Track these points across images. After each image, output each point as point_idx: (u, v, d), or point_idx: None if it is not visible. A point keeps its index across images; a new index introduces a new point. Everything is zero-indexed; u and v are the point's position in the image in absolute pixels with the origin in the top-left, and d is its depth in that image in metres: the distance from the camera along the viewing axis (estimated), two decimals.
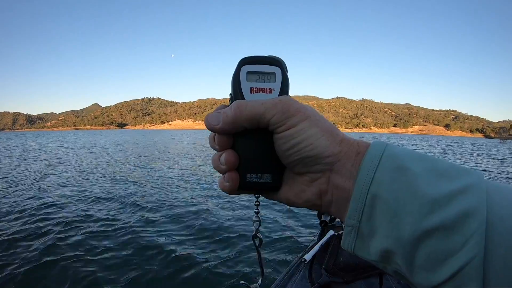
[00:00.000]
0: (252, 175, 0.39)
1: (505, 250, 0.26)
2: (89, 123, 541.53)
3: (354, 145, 0.36)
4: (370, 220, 0.32)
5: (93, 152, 21.09)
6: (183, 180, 9.90)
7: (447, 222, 0.28)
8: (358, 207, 0.33)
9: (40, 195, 7.36)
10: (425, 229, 0.28)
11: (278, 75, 0.40)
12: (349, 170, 0.35)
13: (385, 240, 0.31)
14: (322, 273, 1.51)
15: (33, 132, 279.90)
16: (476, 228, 0.27)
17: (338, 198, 0.36)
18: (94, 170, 12.14)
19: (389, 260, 0.32)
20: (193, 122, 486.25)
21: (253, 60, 0.40)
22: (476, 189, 0.29)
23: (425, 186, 0.29)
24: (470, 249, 0.26)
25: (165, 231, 5.03)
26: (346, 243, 0.35)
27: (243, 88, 0.39)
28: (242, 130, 0.38)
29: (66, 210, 6.06)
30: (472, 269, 0.26)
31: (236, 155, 0.39)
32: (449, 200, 0.28)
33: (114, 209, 6.21)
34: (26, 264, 3.75)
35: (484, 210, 0.27)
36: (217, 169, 0.40)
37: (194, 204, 6.63)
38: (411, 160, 0.32)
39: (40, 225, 5.16)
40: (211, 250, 4.36)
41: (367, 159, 0.33)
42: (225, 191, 0.40)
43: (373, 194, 0.32)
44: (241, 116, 0.36)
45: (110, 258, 3.95)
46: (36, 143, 37.04)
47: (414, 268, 0.30)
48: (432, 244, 0.28)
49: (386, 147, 0.34)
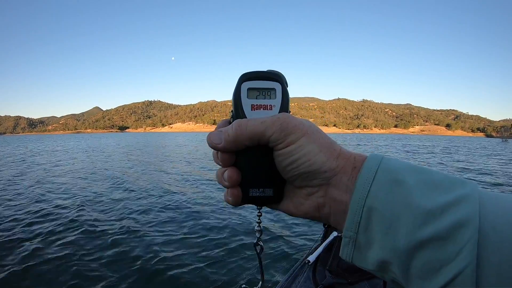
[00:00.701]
0: (254, 190, 0.41)
1: (498, 258, 0.27)
2: (90, 126, 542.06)
3: (350, 159, 0.37)
4: (367, 231, 0.33)
5: (97, 156, 21.06)
6: (186, 183, 9.90)
7: (440, 233, 0.28)
8: (354, 219, 0.34)
9: (38, 198, 7.38)
10: (420, 240, 0.29)
11: (278, 91, 0.41)
12: (345, 184, 0.36)
13: (381, 250, 0.32)
14: (326, 274, 1.51)
15: (35, 135, 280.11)
16: (469, 238, 0.27)
17: (336, 211, 0.37)
18: (100, 173, 12.14)
19: (386, 269, 0.33)
20: (194, 125, 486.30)
21: (254, 76, 0.41)
22: (469, 200, 0.29)
23: (420, 198, 0.30)
24: (463, 258, 0.27)
25: (165, 235, 5.03)
26: (345, 253, 0.36)
27: (244, 105, 0.40)
28: (243, 148, 0.39)
29: (61, 212, 6.07)
30: (466, 277, 0.27)
31: (238, 172, 0.40)
32: (442, 211, 0.29)
33: (123, 212, 6.21)
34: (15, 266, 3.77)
35: (477, 221, 0.28)
36: (221, 184, 0.41)
37: (196, 207, 6.64)
38: (406, 172, 0.33)
39: (34, 227, 5.20)
40: (211, 255, 4.38)
41: (363, 173, 0.34)
42: (229, 204, 0.42)
43: (369, 206, 0.33)
44: (242, 135, 0.38)
45: (110, 262, 3.95)
46: (41, 145, 37.01)
47: (410, 277, 0.30)
48: (426, 254, 0.29)
49: (381, 161, 0.35)
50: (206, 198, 7.50)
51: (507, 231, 0.27)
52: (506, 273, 0.26)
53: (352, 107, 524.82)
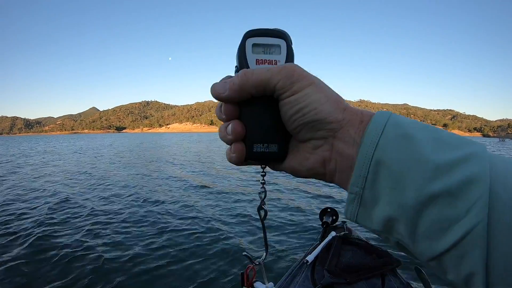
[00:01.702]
0: (258, 145, 0.40)
1: (509, 219, 0.26)
2: (87, 127, 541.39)
3: (358, 114, 0.36)
4: (374, 186, 0.32)
5: (86, 158, 20.93)
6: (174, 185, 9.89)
7: (450, 188, 0.28)
8: (361, 173, 0.33)
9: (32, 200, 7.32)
10: (429, 195, 0.28)
11: (283, 47, 0.40)
12: (352, 137, 0.35)
13: (388, 207, 0.31)
14: (325, 274, 1.51)
15: (31, 136, 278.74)
16: (479, 195, 0.27)
17: (342, 166, 0.36)
18: (101, 176, 12.09)
19: (392, 229, 0.32)
20: (191, 125, 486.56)
21: (259, 33, 0.40)
22: (480, 158, 0.29)
23: (429, 153, 0.29)
24: (473, 215, 0.26)
25: (175, 213, 5.11)
26: (349, 212, 0.35)
27: (249, 59, 0.40)
28: (248, 98, 0.38)
29: (52, 213, 6.02)
30: (476, 236, 0.26)
31: (243, 125, 0.39)
32: (452, 167, 0.28)
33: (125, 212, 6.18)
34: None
35: (487, 178, 0.27)
36: (224, 139, 0.40)
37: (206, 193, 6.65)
38: (416, 128, 0.32)
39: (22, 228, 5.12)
40: (214, 224, 4.51)
41: (371, 127, 0.33)
42: (232, 162, 0.41)
43: (377, 160, 0.32)
44: (248, 83, 0.37)
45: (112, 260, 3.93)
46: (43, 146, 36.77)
47: (417, 237, 0.30)
48: (435, 210, 0.28)
49: (390, 116, 0.34)
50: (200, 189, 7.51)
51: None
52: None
53: None
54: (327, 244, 1.79)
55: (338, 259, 1.62)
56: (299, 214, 5.98)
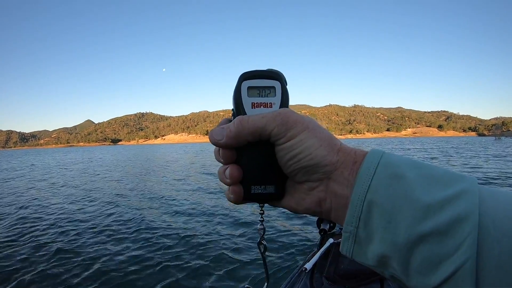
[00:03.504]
0: (256, 187, 0.41)
1: (498, 252, 0.27)
2: (82, 139, 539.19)
3: (351, 154, 0.37)
4: (367, 226, 0.33)
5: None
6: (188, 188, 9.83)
7: (440, 227, 0.28)
8: (355, 213, 0.34)
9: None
10: (420, 234, 0.29)
11: (278, 89, 0.41)
12: (346, 178, 0.36)
13: (381, 245, 0.32)
14: (323, 281, 1.51)
15: (27, 150, 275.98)
16: (468, 232, 0.27)
17: (337, 205, 0.37)
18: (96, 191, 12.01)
19: (386, 264, 0.33)
20: (187, 136, 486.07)
21: (253, 75, 0.41)
22: (469, 195, 0.29)
23: (420, 193, 0.30)
24: (463, 252, 0.27)
25: (174, 233, 5.05)
26: (345, 249, 0.36)
27: (245, 103, 0.41)
28: (245, 144, 0.39)
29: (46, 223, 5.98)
30: (465, 272, 0.27)
31: (240, 169, 0.40)
32: (442, 206, 0.29)
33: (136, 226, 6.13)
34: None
35: (477, 215, 0.28)
36: (223, 181, 0.41)
37: (204, 212, 6.60)
38: (406, 167, 0.33)
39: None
40: (215, 257, 4.44)
41: (364, 168, 0.34)
42: (231, 202, 0.42)
43: (370, 200, 0.33)
44: (244, 130, 0.38)
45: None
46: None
47: (409, 272, 0.30)
48: (426, 248, 0.29)
49: (382, 155, 0.35)
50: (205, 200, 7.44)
51: (507, 225, 0.27)
52: (506, 267, 0.26)
53: (343, 112, 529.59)
54: (325, 251, 1.78)
55: (336, 266, 1.62)
56: (296, 222, 5.96)
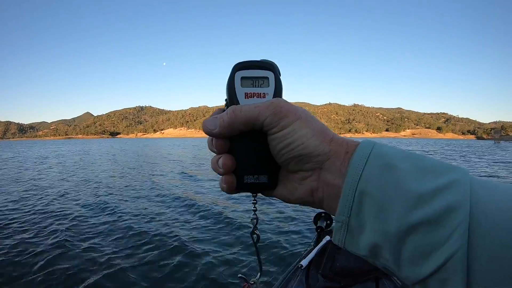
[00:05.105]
0: (249, 177, 0.41)
1: (489, 243, 0.27)
2: (81, 132, 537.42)
3: (343, 145, 0.37)
4: (359, 215, 0.33)
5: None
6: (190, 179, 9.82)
7: (431, 216, 0.28)
8: (347, 203, 0.34)
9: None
10: (411, 224, 0.29)
11: (271, 79, 0.41)
12: (338, 168, 0.36)
13: (373, 234, 0.32)
14: (319, 278, 1.51)
15: (25, 141, 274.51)
16: (459, 221, 0.28)
17: (329, 195, 0.37)
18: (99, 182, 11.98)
19: (378, 254, 0.33)
20: (185, 130, 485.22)
21: (247, 66, 0.41)
22: (461, 185, 0.30)
23: (411, 183, 0.31)
24: (454, 242, 0.27)
25: (168, 227, 5.07)
26: (337, 238, 0.36)
27: (238, 93, 0.41)
28: (238, 133, 0.40)
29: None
30: (457, 261, 0.27)
31: (233, 158, 0.40)
32: (433, 195, 0.29)
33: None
34: None
35: (468, 205, 0.28)
36: (216, 171, 0.41)
37: (197, 202, 6.60)
38: (398, 158, 0.33)
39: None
40: (210, 247, 4.54)
41: (355, 158, 0.34)
42: (224, 191, 0.42)
43: (361, 190, 0.33)
44: (237, 120, 0.38)
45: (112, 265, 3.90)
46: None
47: (401, 262, 0.31)
48: (417, 238, 0.29)
49: (374, 146, 0.35)
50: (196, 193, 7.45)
51: (498, 217, 0.27)
52: (497, 258, 0.26)
53: (343, 111, 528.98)
54: (321, 248, 1.80)
55: (332, 263, 1.62)
56: (293, 219, 5.98)
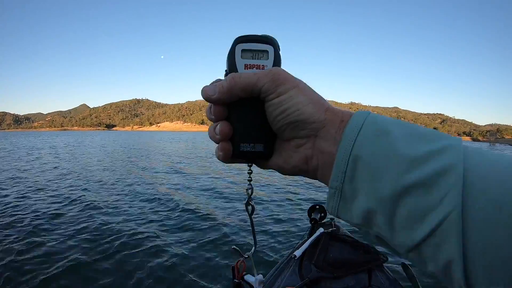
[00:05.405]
0: (245, 145, 0.41)
1: (484, 204, 0.27)
2: (77, 124, 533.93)
3: (338, 114, 0.38)
4: (353, 181, 0.33)
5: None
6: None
7: (424, 179, 0.29)
8: (341, 169, 0.34)
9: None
10: (404, 187, 0.29)
11: (271, 53, 0.42)
12: (333, 135, 0.37)
13: (366, 199, 0.32)
14: (312, 268, 1.52)
15: (20, 132, 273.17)
16: (453, 183, 0.28)
17: (324, 163, 0.38)
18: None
19: (371, 221, 0.33)
20: (182, 124, 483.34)
21: (248, 39, 0.42)
22: (454, 149, 0.30)
23: (404, 147, 0.31)
24: (447, 203, 0.27)
25: (162, 213, 5.10)
26: (330, 206, 0.37)
27: (238, 64, 0.41)
28: (236, 100, 0.40)
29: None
30: (451, 223, 0.27)
31: (230, 126, 0.41)
32: (426, 159, 0.30)
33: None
34: None
35: (461, 167, 0.28)
36: (213, 139, 0.42)
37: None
38: (392, 125, 0.34)
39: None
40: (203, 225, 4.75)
41: (350, 125, 0.35)
42: (220, 160, 0.43)
43: (355, 155, 0.33)
44: (236, 86, 0.39)
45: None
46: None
47: (395, 227, 0.31)
48: (411, 201, 0.29)
49: (369, 115, 0.36)
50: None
51: (492, 178, 0.28)
52: (492, 219, 0.26)
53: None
54: (315, 240, 1.81)
55: (325, 255, 1.63)
56: (287, 210, 6.05)
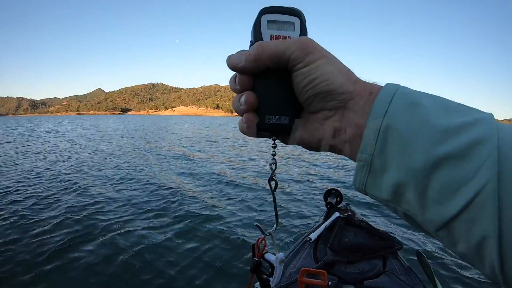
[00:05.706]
0: (270, 117, 0.40)
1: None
2: (92, 108, 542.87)
3: (367, 86, 0.37)
4: (383, 153, 0.32)
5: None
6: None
7: (458, 150, 0.28)
8: (370, 140, 0.33)
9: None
10: (437, 158, 0.28)
11: (297, 24, 0.41)
12: (362, 107, 0.36)
13: (397, 172, 0.31)
14: (327, 252, 1.53)
15: (37, 117, 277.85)
16: (487, 154, 0.27)
17: (352, 136, 0.37)
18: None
19: (401, 196, 0.32)
20: (197, 109, 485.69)
21: (274, 10, 0.41)
22: (487, 122, 0.29)
23: (437, 118, 0.30)
24: (482, 175, 0.26)
25: (189, 192, 5.19)
26: (358, 181, 0.36)
27: (264, 34, 0.41)
28: (263, 70, 0.39)
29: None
30: (486, 196, 0.26)
31: (256, 96, 0.40)
32: (460, 130, 0.29)
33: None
34: None
35: (495, 139, 0.27)
36: (237, 110, 0.41)
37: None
38: (424, 96, 0.33)
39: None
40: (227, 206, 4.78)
41: (380, 96, 0.34)
42: (244, 133, 0.41)
43: (386, 126, 0.32)
44: (263, 54, 0.37)
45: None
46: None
47: (426, 202, 0.30)
48: (444, 173, 0.28)
49: (399, 87, 0.35)
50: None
51: None
52: None
53: None
54: (330, 224, 1.82)
55: (340, 239, 1.65)
56: (303, 194, 6.03)
